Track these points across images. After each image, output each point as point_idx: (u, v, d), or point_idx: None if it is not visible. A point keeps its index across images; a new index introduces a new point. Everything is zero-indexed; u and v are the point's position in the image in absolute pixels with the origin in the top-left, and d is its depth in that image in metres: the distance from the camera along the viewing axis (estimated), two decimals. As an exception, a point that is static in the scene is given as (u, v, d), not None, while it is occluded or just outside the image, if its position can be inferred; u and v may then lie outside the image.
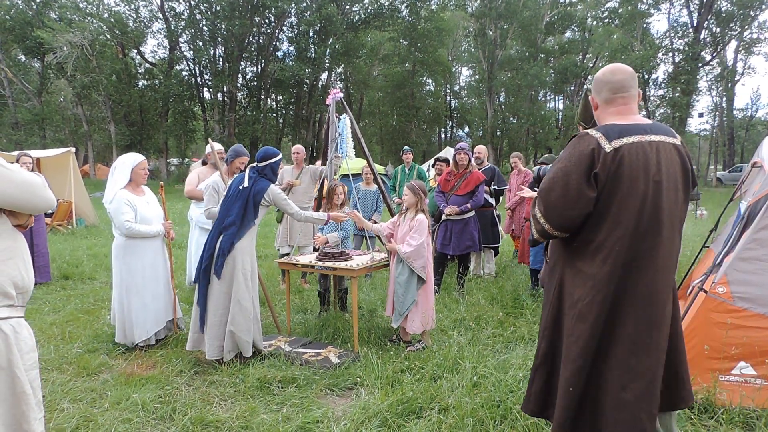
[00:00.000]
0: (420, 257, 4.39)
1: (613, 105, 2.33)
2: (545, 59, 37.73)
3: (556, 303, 2.36)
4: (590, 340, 2.20)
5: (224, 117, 32.02)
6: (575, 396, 2.22)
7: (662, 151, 2.20)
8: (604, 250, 2.17)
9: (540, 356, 2.43)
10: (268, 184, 4.19)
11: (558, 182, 2.22)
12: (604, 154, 2.13)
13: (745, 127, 41.59)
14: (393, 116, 40.97)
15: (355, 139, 5.60)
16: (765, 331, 3.13)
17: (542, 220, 2.29)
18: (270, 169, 4.26)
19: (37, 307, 5.74)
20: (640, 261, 2.17)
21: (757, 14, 31.51)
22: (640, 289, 2.18)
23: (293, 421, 3.16)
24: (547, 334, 2.40)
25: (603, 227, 2.17)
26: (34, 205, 2.14)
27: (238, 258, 4.05)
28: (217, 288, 4.06)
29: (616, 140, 2.16)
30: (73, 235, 11.17)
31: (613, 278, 2.17)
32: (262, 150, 4.33)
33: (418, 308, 4.43)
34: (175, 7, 32.14)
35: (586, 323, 2.20)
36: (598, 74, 2.39)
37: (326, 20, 29.71)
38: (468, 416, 3.08)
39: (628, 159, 2.13)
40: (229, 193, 4.24)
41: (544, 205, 2.27)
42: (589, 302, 2.20)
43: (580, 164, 2.16)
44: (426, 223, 4.48)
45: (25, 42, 28.71)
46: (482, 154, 7.44)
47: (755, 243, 3.26)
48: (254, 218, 4.14)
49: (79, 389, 3.63)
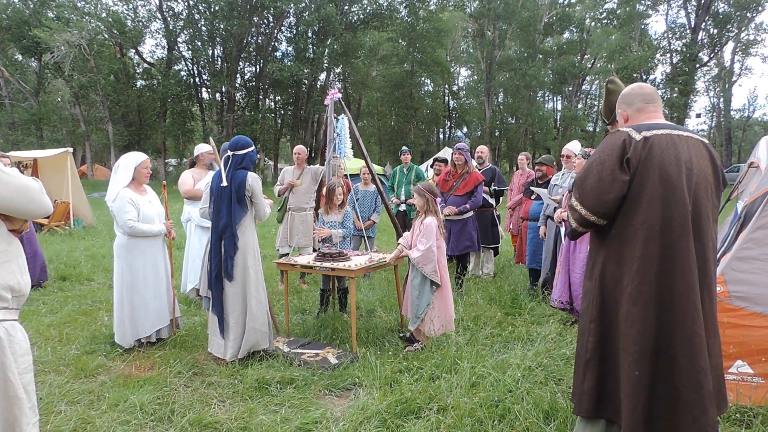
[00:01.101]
0: (429, 262, 4.29)
1: (645, 113, 2.48)
2: (544, 60, 37.81)
3: (600, 294, 2.38)
4: (646, 323, 2.22)
5: (222, 117, 32.02)
6: (644, 382, 2.20)
7: (692, 144, 2.33)
8: (643, 230, 2.26)
9: (590, 351, 2.39)
10: (245, 173, 4.07)
11: (593, 170, 2.36)
12: (634, 143, 2.29)
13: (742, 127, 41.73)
14: (391, 116, 41.02)
15: (354, 140, 5.60)
16: (762, 329, 3.15)
17: (579, 206, 2.41)
18: (248, 158, 4.15)
19: (34, 308, 5.73)
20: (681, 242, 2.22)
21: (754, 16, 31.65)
22: (687, 269, 2.22)
23: (292, 422, 3.16)
24: (595, 326, 2.39)
25: (640, 209, 2.27)
26: (31, 210, 2.12)
27: (246, 256, 4.11)
28: (231, 290, 4.10)
29: (645, 131, 2.32)
30: (70, 236, 11.14)
31: (657, 256, 2.23)
32: (237, 138, 4.20)
33: (435, 311, 4.35)
34: (173, 7, 32.17)
35: (638, 305, 2.24)
36: (627, 90, 2.56)
37: (325, 20, 29.72)
38: (466, 416, 3.08)
39: (659, 145, 2.27)
40: (213, 196, 4.17)
41: (580, 192, 2.41)
42: (638, 283, 2.25)
43: (613, 153, 2.32)
44: (434, 226, 4.36)
45: (23, 41, 28.68)
46: (484, 154, 7.45)
47: (752, 242, 3.27)
48: (244, 212, 4.10)
49: (76, 391, 3.61)
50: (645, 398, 2.22)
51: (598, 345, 2.38)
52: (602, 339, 2.37)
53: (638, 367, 2.22)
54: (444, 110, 43.18)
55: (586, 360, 2.41)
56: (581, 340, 2.47)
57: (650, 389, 2.22)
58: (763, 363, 3.16)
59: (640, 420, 2.22)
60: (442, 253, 4.45)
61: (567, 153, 5.71)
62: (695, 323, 2.19)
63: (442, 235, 4.46)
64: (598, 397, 2.37)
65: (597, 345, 2.38)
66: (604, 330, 2.37)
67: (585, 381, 2.41)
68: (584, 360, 2.42)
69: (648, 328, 2.22)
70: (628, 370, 2.24)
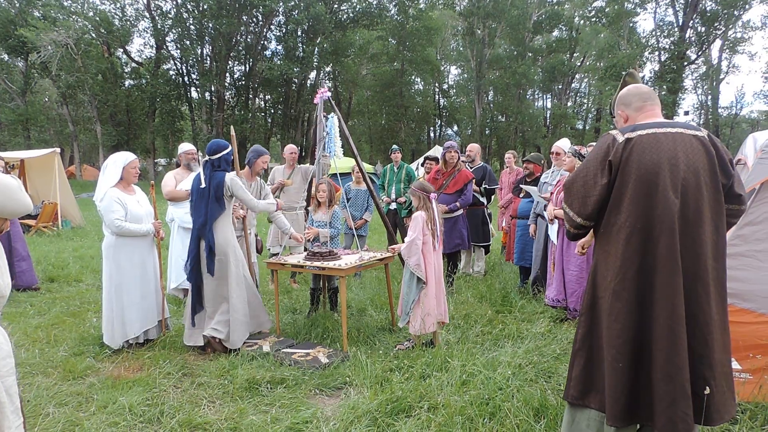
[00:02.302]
0: (413, 254, 4.25)
1: (643, 111, 2.52)
2: (533, 58, 37.96)
3: (591, 290, 2.48)
4: (629, 316, 2.30)
5: (212, 116, 31.84)
6: (627, 373, 2.27)
7: (680, 140, 2.33)
8: (626, 229, 2.31)
9: (578, 341, 2.50)
10: (223, 175, 4.32)
11: (580, 173, 2.47)
12: (617, 145, 2.36)
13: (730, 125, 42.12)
14: (382, 115, 40.96)
15: (344, 139, 5.59)
16: (750, 325, 3.18)
17: (568, 209, 2.52)
18: (224, 161, 4.39)
19: (21, 310, 5.67)
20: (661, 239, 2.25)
21: (741, 14, 31.86)
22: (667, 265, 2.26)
23: (282, 422, 3.15)
24: (584, 319, 2.49)
25: (622, 208, 2.33)
26: (9, 208, 2.09)
27: (226, 251, 4.32)
28: (211, 284, 4.32)
29: (629, 133, 2.37)
30: (58, 237, 11.04)
31: (639, 253, 2.29)
32: (212, 143, 4.45)
33: (419, 308, 4.29)
34: (161, 6, 31.91)
35: (621, 301, 2.32)
36: (624, 92, 2.62)
37: (314, 19, 29.61)
38: (457, 414, 3.08)
39: (639, 146, 2.32)
40: (193, 197, 4.41)
41: (567, 195, 2.52)
42: (620, 279, 2.32)
43: (597, 156, 2.41)
44: (420, 219, 4.30)
45: (8, 41, 28.33)
46: (474, 152, 7.46)
47: (740, 239, 3.30)
48: (221, 211, 4.33)
49: (64, 393, 3.58)
50: (627, 389, 2.29)
51: (586, 336, 2.47)
52: (590, 331, 2.47)
53: (621, 359, 2.29)
54: (434, 109, 43.21)
55: (575, 350, 2.52)
56: (576, 332, 2.58)
57: (632, 380, 2.30)
58: (751, 359, 3.20)
59: (622, 410, 2.28)
60: (429, 249, 4.35)
61: (557, 150, 5.73)
62: (672, 319, 2.23)
63: (430, 231, 4.36)
64: (584, 384, 2.46)
65: (585, 336, 2.48)
66: (592, 323, 2.46)
67: (573, 369, 2.52)
68: (573, 350, 2.53)
69: (630, 323, 2.30)
70: (612, 362, 2.31)
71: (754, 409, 3.09)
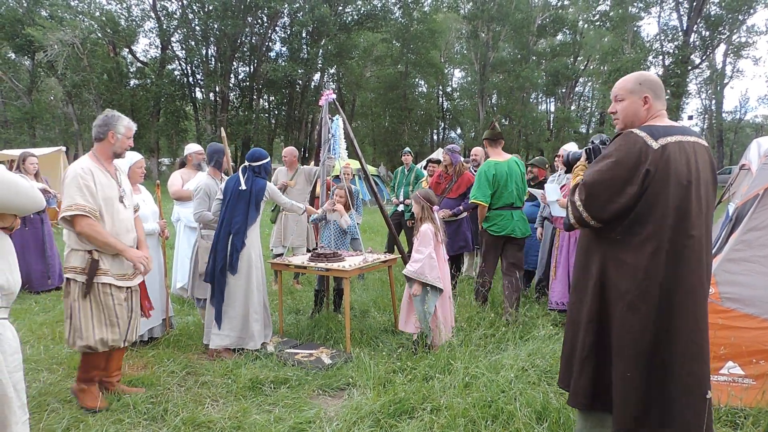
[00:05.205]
0: (432, 269, 4.22)
1: (661, 110, 2.43)
2: (537, 61, 37.94)
3: (599, 295, 2.38)
4: (643, 332, 2.25)
5: (216, 117, 31.86)
6: (636, 383, 2.25)
7: (698, 151, 2.30)
8: (652, 242, 2.23)
9: (586, 348, 2.41)
10: (265, 183, 4.51)
11: (605, 174, 2.29)
12: (652, 152, 2.22)
13: (734, 129, 42.07)
14: (385, 117, 41.00)
15: (348, 140, 5.60)
16: (753, 331, 3.18)
17: (581, 207, 2.36)
18: (263, 169, 4.56)
19: (26, 306, 5.70)
20: (686, 253, 2.23)
21: (746, 18, 31.83)
22: (689, 280, 2.24)
23: (285, 422, 3.16)
24: (592, 326, 2.40)
25: (651, 220, 2.24)
26: (20, 204, 2.11)
27: (251, 253, 4.39)
28: (234, 283, 4.34)
29: (661, 138, 2.25)
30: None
31: (664, 268, 2.22)
32: (254, 151, 4.62)
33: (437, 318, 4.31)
34: (167, 6, 32.02)
35: (637, 314, 2.25)
36: (655, 78, 2.49)
37: (319, 21, 29.67)
38: (459, 416, 3.09)
39: (674, 156, 2.22)
40: (228, 196, 4.42)
41: (586, 194, 2.34)
42: (641, 293, 2.25)
43: (628, 160, 2.24)
44: (430, 232, 4.31)
45: (16, 40, 28.44)
46: (479, 155, 7.47)
47: (743, 244, 3.30)
48: (257, 216, 4.48)
49: (69, 389, 3.60)
50: (637, 398, 2.26)
51: (594, 344, 2.40)
52: (599, 339, 2.40)
53: (630, 369, 2.26)
54: (438, 111, 43.24)
55: (582, 357, 2.43)
56: (576, 334, 2.48)
57: (642, 391, 2.26)
58: (754, 364, 3.20)
59: (630, 418, 2.26)
60: (442, 259, 4.40)
61: (563, 153, 5.71)
62: (695, 332, 2.24)
63: (440, 242, 4.41)
64: (593, 391, 2.42)
65: (593, 344, 2.41)
66: (601, 330, 2.39)
67: (581, 377, 2.43)
68: (580, 357, 2.44)
69: (644, 336, 2.25)
70: (622, 371, 2.28)
71: (757, 414, 3.08)
